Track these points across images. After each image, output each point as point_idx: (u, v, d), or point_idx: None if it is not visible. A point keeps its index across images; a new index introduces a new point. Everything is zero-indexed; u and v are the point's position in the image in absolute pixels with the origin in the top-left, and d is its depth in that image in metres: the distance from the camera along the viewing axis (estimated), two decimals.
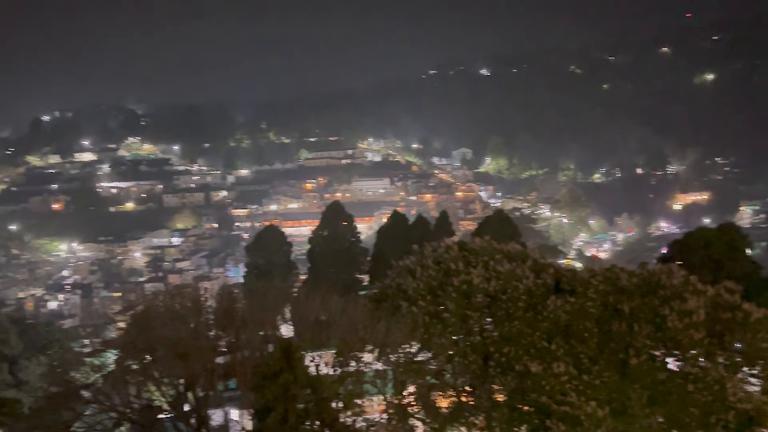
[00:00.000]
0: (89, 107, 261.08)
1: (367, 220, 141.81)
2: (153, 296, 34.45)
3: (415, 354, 25.32)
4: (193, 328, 26.41)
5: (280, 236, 61.28)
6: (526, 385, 23.97)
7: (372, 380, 24.29)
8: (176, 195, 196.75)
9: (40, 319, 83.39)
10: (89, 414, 26.48)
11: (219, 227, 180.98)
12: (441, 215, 62.72)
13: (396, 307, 27.01)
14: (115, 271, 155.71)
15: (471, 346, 25.81)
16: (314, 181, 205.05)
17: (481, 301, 25.91)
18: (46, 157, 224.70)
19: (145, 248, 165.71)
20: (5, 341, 41.09)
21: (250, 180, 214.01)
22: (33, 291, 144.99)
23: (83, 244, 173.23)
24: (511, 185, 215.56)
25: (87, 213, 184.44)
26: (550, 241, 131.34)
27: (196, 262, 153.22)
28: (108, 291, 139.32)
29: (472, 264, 27.10)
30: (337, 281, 50.45)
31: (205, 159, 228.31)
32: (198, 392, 25.47)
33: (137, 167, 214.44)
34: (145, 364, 26.53)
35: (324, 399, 18.35)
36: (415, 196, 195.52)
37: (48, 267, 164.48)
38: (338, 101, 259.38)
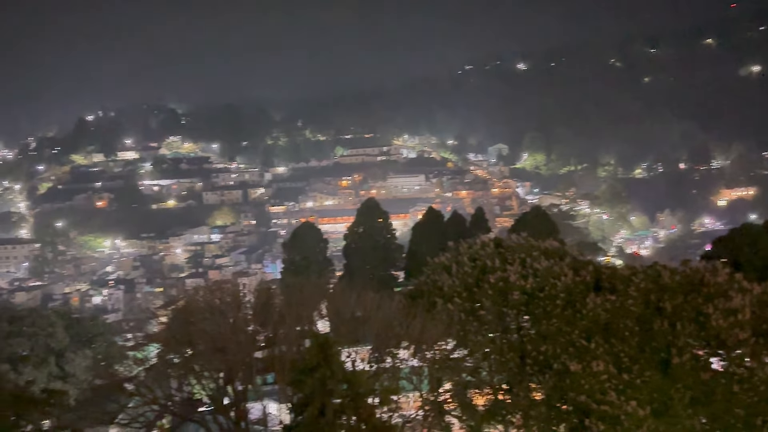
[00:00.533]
0: (131, 107, 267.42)
1: (402, 217, 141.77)
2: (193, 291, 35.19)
3: (450, 351, 25.23)
4: (232, 323, 26.86)
5: (316, 233, 61.73)
6: (564, 384, 23.65)
7: (408, 377, 24.31)
8: (215, 192, 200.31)
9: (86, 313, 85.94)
10: (132, 406, 27.21)
11: (257, 224, 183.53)
12: (477, 212, 62.24)
13: (431, 304, 26.96)
14: (157, 266, 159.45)
15: (508, 344, 25.60)
16: (350, 178, 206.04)
17: (518, 298, 25.65)
18: (91, 155, 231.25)
19: (185, 244, 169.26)
20: (52, 335, 42.37)
21: (286, 177, 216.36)
22: (78, 286, 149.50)
23: (126, 240, 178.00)
24: (548, 181, 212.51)
25: (130, 210, 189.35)
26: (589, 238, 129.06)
27: (234, 258, 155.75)
28: (150, 286, 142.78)
29: (508, 261, 26.85)
30: (372, 278, 50.59)
31: (243, 157, 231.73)
32: (237, 386, 25.91)
33: (178, 165, 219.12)
34: (186, 357, 27.10)
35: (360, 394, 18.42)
36: (450, 192, 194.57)
37: (93, 263, 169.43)
38: (373, 98, 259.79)
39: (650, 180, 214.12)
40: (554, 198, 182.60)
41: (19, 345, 40.71)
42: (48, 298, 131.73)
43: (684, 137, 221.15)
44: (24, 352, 40.88)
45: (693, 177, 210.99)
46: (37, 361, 40.63)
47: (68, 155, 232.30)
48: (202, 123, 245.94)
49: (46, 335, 41.92)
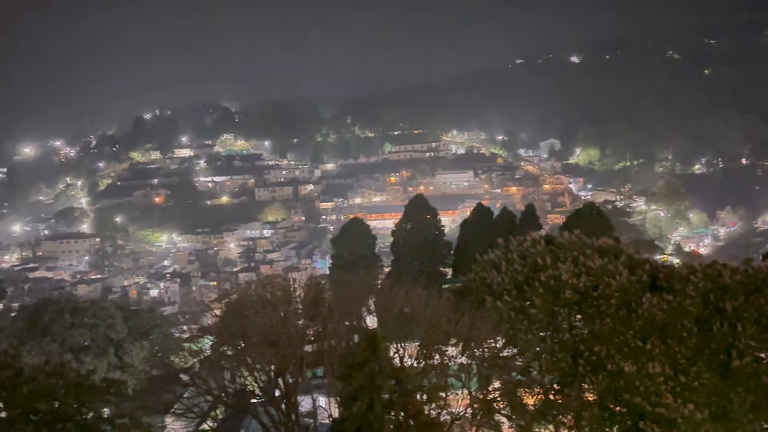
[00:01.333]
0: (187, 106, 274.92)
1: (451, 213, 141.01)
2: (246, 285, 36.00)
3: (500, 349, 24.95)
4: (283, 317, 27.31)
5: (365, 229, 62.05)
6: (618, 385, 23.09)
7: (456, 374, 24.19)
8: (267, 189, 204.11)
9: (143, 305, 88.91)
10: (187, 396, 28.03)
11: (306, 220, 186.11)
12: (527, 208, 61.17)
13: (480, 302, 26.71)
14: (211, 261, 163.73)
15: (559, 344, 25.12)
16: (398, 174, 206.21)
17: (570, 297, 25.13)
18: (148, 153, 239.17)
19: (238, 239, 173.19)
20: (112, 326, 44.04)
21: (335, 174, 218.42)
22: (136, 279, 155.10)
23: (182, 235, 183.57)
24: (602, 177, 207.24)
25: (185, 206, 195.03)
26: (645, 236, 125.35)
27: (285, 253, 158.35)
28: (205, 280, 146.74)
29: (560, 259, 26.32)
30: (420, 274, 50.49)
31: (293, 154, 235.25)
32: (288, 379, 26.34)
33: (231, 162, 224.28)
34: (238, 350, 27.72)
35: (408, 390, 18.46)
36: (500, 188, 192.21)
37: (150, 257, 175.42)
38: (422, 94, 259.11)
39: (710, 176, 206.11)
40: (609, 194, 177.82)
41: (80, 335, 42.54)
42: (108, 290, 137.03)
43: (746, 131, 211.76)
44: (85, 343, 42.70)
45: (756, 173, 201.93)
46: (98, 351, 42.36)
47: (127, 153, 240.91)
48: (255, 121, 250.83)
49: (106, 326, 43.63)
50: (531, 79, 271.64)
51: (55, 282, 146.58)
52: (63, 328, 42.32)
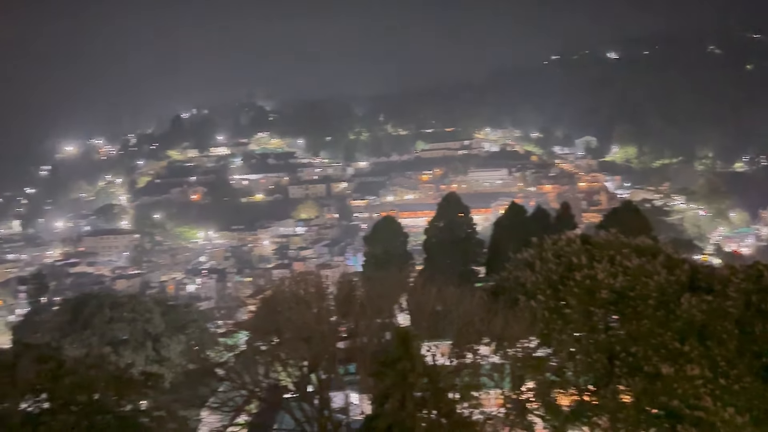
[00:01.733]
0: (223, 105, 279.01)
1: (484, 212, 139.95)
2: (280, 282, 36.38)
3: (534, 349, 24.70)
4: (316, 313, 27.55)
5: (397, 227, 62.06)
6: (655, 387, 22.63)
7: (489, 373, 24.02)
8: (300, 186, 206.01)
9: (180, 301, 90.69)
10: (222, 390, 28.51)
11: (339, 217, 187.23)
12: (562, 207, 60.34)
13: (514, 301, 26.48)
14: (246, 257, 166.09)
15: (595, 344, 24.71)
16: (430, 172, 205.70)
17: (607, 297, 24.70)
18: (186, 151, 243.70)
19: (272, 236, 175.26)
20: (150, 320, 45.04)
21: (368, 172, 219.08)
22: (174, 275, 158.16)
23: (218, 232, 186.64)
24: (640, 175, 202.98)
25: (221, 203, 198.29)
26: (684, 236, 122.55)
27: (318, 250, 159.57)
28: (240, 276, 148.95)
29: (596, 258, 25.90)
30: (452, 272, 50.20)
31: (326, 152, 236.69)
32: (320, 374, 26.56)
33: (266, 160, 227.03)
34: (272, 345, 28.06)
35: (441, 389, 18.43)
36: (534, 186, 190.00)
37: (187, 253, 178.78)
38: (455, 91, 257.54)
39: (752, 174, 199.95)
40: (646, 193, 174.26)
41: (119, 329, 43.63)
42: (146, 285, 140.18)
43: None
44: (124, 337, 43.77)
45: None
46: (136, 345, 43.38)
47: (165, 151, 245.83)
48: (289, 119, 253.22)
49: (144, 321, 44.65)
50: (566, 75, 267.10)
51: (95, 277, 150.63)
52: (103, 322, 43.46)
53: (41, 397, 25.40)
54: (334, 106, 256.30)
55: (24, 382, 24.85)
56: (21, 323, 70.34)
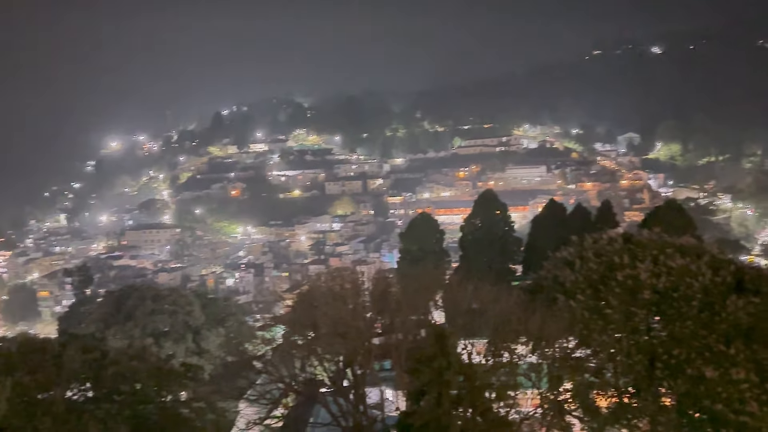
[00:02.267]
0: (262, 102, 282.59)
1: (522, 209, 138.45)
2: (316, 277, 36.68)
3: (572, 350, 24.28)
4: (352, 309, 27.67)
5: (433, 224, 61.78)
6: (698, 391, 22.01)
7: (526, 373, 23.72)
8: (337, 183, 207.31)
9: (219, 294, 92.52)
10: (260, 383, 28.92)
11: (375, 214, 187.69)
12: (603, 205, 59.06)
13: (552, 300, 26.05)
14: (284, 252, 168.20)
15: (636, 345, 24.14)
16: (467, 169, 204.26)
17: (649, 298, 24.10)
18: (226, 147, 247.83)
19: (309, 232, 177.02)
20: (190, 313, 46.03)
21: (404, 168, 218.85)
22: (213, 269, 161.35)
23: (256, 227, 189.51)
24: (685, 173, 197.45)
25: (260, 199, 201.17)
26: (730, 235, 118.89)
27: (354, 246, 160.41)
28: (277, 271, 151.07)
29: (638, 258, 25.27)
30: (489, 270, 49.82)
31: (363, 148, 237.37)
32: (356, 370, 26.68)
33: (303, 157, 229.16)
34: (309, 340, 28.32)
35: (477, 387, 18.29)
36: (574, 184, 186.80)
37: (226, 247, 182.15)
38: (494, 87, 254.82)
39: None
40: (691, 191, 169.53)
41: (161, 321, 44.71)
42: (186, 279, 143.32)
43: None
44: (165, 328, 44.84)
45: None
46: (177, 336, 44.40)
47: (206, 147, 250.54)
48: (326, 116, 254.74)
49: (185, 313, 45.65)
50: (609, 70, 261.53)
51: (137, 270, 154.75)
52: (145, 314, 44.58)
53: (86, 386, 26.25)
54: (372, 102, 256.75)
55: (69, 371, 25.71)
56: (66, 314, 72.75)
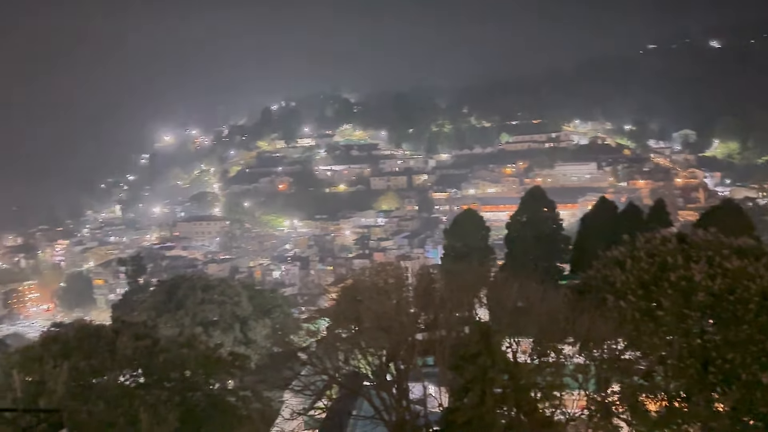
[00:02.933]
0: (310, 97, 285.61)
1: (570, 207, 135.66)
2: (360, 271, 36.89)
3: (621, 351, 23.67)
4: (395, 304, 27.71)
5: (478, 220, 61.19)
6: (754, 397, 21.18)
7: (572, 374, 23.26)
8: (382, 178, 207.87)
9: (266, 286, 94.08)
10: (304, 374, 29.29)
11: (419, 209, 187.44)
12: (656, 203, 57.24)
13: (601, 300, 25.46)
14: (329, 246, 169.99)
15: (688, 349, 23.37)
16: (514, 165, 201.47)
17: (703, 300, 23.29)
18: (274, 142, 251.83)
19: (353, 227, 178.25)
20: (238, 304, 47.02)
21: (450, 164, 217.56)
22: (261, 261, 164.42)
23: (302, 221, 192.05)
24: (743, 171, 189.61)
25: (306, 193, 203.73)
26: None
27: (398, 241, 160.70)
28: (322, 264, 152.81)
29: (693, 258, 24.44)
30: (535, 269, 49.00)
31: (409, 144, 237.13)
32: (399, 365, 26.70)
33: (349, 152, 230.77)
34: (352, 333, 28.51)
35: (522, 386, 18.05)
36: (625, 182, 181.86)
37: (273, 240, 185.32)
38: (543, 82, 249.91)
39: None
40: (749, 191, 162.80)
41: (210, 311, 45.83)
42: (235, 270, 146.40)
43: None
44: (214, 318, 45.95)
45: None
46: (225, 326, 45.44)
47: (255, 141, 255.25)
48: (372, 111, 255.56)
49: (233, 304, 46.67)
50: (664, 65, 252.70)
51: (188, 260, 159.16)
52: (195, 304, 45.77)
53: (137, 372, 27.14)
54: (418, 98, 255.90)
55: (122, 357, 26.63)
56: (120, 302, 75.45)
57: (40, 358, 25.72)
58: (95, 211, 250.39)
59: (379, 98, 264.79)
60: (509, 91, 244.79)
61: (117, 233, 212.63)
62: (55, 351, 26.19)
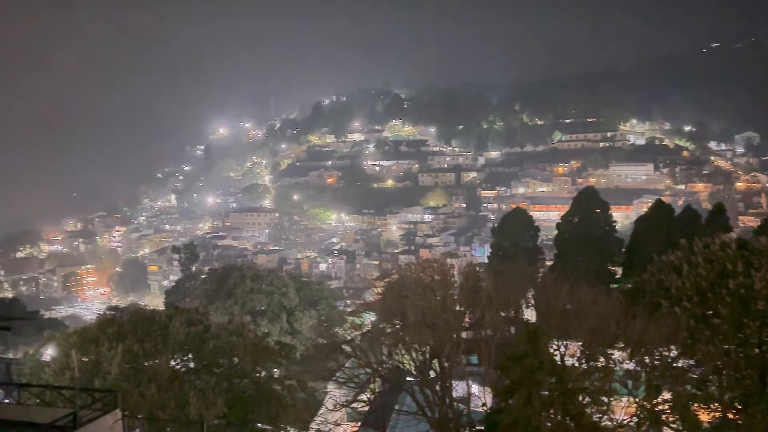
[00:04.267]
0: (361, 92, 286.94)
1: (624, 209, 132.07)
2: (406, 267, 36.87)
3: (674, 359, 22.92)
4: (441, 301, 27.59)
5: (527, 219, 60.26)
6: None
7: (622, 379, 22.67)
8: (430, 174, 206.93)
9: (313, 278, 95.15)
10: (348, 367, 29.54)
11: (467, 207, 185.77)
12: (716, 207, 55.07)
13: (654, 306, 24.71)
14: (375, 241, 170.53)
15: (746, 359, 22.46)
16: (567, 164, 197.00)
17: (763, 309, 22.30)
18: (324, 136, 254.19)
19: (400, 222, 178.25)
20: (286, 294, 47.72)
21: (499, 162, 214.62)
22: (308, 253, 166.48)
23: (349, 215, 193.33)
24: None
25: (354, 188, 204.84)
26: None
27: (444, 239, 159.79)
28: (368, 259, 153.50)
29: (753, 266, 23.44)
30: (586, 271, 47.90)
31: (458, 140, 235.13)
32: (443, 362, 26.61)
33: (398, 147, 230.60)
34: (397, 328, 28.56)
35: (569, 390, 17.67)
36: (683, 184, 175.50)
37: (321, 233, 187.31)
38: (600, 80, 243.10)
39: None
40: None
41: (258, 301, 46.67)
42: (283, 261, 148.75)
43: None
44: (262, 307, 46.76)
45: None
46: (272, 316, 46.20)
47: (305, 135, 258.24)
48: (422, 107, 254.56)
49: (280, 294, 47.40)
50: (728, 64, 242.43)
51: (239, 250, 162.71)
52: (244, 293, 46.71)
53: (188, 357, 27.90)
54: (469, 94, 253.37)
55: (174, 342, 27.42)
56: (173, 288, 77.78)
57: (97, 339, 26.75)
58: (151, 199, 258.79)
59: (429, 94, 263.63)
60: (563, 88, 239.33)
61: (171, 222, 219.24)
62: (111, 333, 27.19)
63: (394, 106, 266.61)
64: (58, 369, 26.02)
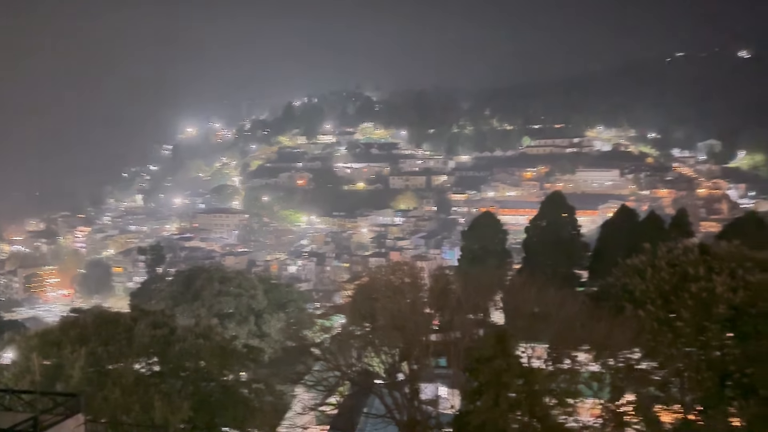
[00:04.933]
0: (333, 94, 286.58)
1: (590, 213, 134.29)
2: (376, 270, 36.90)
3: (637, 361, 23.40)
4: (410, 303, 27.68)
5: (496, 223, 60.85)
6: None
7: (587, 381, 23.05)
8: (401, 177, 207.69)
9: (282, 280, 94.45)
10: (317, 370, 29.39)
11: (437, 210, 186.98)
12: (678, 213, 56.42)
13: (619, 309, 25.22)
14: (345, 243, 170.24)
15: (706, 361, 23.06)
16: (535, 169, 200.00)
17: (724, 312, 22.95)
18: (295, 138, 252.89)
19: (371, 225, 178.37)
20: (254, 297, 47.22)
21: (469, 166, 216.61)
22: (277, 255, 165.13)
23: (320, 217, 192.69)
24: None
25: (325, 190, 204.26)
26: None
27: (414, 241, 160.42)
28: (338, 261, 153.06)
29: (715, 270, 24.11)
30: (553, 274, 48.53)
31: (429, 144, 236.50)
32: (412, 364, 26.67)
33: (369, 150, 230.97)
34: (366, 330, 28.53)
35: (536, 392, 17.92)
36: (647, 190, 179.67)
37: (290, 235, 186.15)
38: (567, 86, 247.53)
39: None
40: None
41: (226, 303, 46.08)
42: (252, 263, 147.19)
43: None
44: (230, 310, 46.18)
45: None
46: (240, 318, 45.66)
47: (276, 137, 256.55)
48: (394, 110, 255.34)
49: (248, 297, 46.89)
50: (692, 73, 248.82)
51: (207, 252, 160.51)
52: (212, 295, 46.07)
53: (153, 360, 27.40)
54: (440, 98, 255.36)
55: (139, 345, 26.90)
56: (138, 290, 76.18)
57: (59, 342, 26.09)
58: (117, 199, 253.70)
59: (401, 97, 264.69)
60: (532, 94, 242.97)
61: (138, 222, 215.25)
62: (73, 336, 26.54)
63: (365, 108, 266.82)
64: (19, 372, 25.29)
